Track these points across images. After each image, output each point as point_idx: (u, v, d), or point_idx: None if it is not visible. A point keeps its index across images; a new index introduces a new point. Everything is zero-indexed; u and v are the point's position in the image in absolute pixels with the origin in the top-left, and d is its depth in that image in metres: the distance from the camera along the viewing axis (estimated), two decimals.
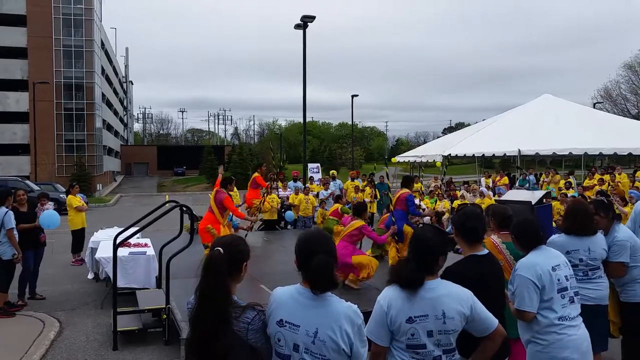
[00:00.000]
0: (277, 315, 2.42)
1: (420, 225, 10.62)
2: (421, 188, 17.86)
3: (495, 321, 2.71)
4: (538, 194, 7.72)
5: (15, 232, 7.34)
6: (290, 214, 14.03)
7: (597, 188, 15.09)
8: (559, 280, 3.36)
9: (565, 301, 3.34)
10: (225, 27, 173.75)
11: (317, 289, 2.39)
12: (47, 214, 8.33)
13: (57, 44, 44.78)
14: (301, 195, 14.28)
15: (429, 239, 2.76)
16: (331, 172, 18.32)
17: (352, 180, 17.23)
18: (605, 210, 4.62)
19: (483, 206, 8.43)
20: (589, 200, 11.30)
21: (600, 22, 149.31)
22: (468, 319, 2.66)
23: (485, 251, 3.16)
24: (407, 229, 8.35)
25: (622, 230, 4.56)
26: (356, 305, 2.45)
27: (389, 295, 2.71)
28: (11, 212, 7.34)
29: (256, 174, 12.11)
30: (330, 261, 2.39)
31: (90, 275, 9.16)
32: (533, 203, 7.29)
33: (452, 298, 2.65)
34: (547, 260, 3.43)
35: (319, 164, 22.79)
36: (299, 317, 2.39)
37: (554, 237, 4.47)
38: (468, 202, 13.39)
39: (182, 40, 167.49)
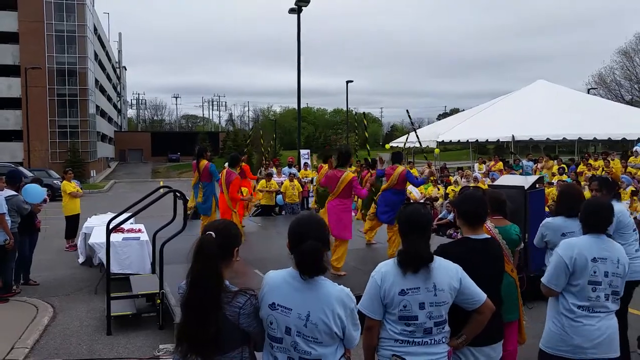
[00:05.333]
0: (269, 299, 2.44)
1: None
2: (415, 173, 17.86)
3: (483, 295, 2.79)
4: (531, 179, 7.74)
5: (7, 217, 7.31)
6: (280, 198, 14.37)
7: (587, 173, 15.17)
8: (594, 272, 3.26)
9: (594, 294, 3.26)
10: (219, 12, 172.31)
11: (304, 273, 2.41)
12: (29, 187, 8.17)
13: (49, 28, 44.23)
14: (287, 182, 14.37)
15: (425, 214, 2.86)
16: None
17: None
18: (608, 187, 4.81)
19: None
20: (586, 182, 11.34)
21: (593, 6, 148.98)
22: (458, 291, 2.74)
23: (484, 236, 3.15)
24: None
25: (616, 205, 4.67)
26: (349, 289, 2.47)
27: (382, 270, 2.79)
28: (2, 198, 7.30)
29: (243, 165, 11.90)
30: (318, 247, 2.39)
31: (80, 260, 9.15)
32: (526, 188, 7.32)
33: (441, 271, 2.73)
34: (593, 249, 3.30)
35: (309, 150, 22.77)
36: (291, 300, 2.40)
37: (550, 220, 4.51)
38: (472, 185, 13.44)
39: (176, 25, 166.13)
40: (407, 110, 11.30)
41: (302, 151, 21.77)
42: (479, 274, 2.85)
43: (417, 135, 11.67)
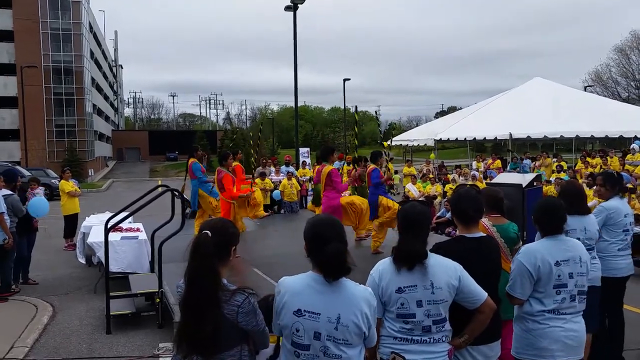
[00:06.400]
0: (293, 306, 2.39)
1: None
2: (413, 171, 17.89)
3: (484, 294, 2.77)
4: (528, 177, 7.76)
5: (6, 216, 7.31)
6: (277, 193, 14.36)
7: (585, 171, 15.23)
8: (559, 276, 3.22)
9: (559, 297, 3.22)
10: (216, 9, 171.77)
11: (330, 276, 2.38)
12: (37, 201, 8.26)
13: (44, 27, 44.08)
14: (285, 181, 14.37)
15: (422, 212, 2.85)
16: None
17: (348, 164, 17.26)
18: (611, 183, 4.81)
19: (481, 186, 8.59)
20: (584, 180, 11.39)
21: (589, 2, 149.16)
22: (457, 290, 2.73)
23: (479, 234, 3.14)
24: (383, 200, 8.56)
25: (613, 201, 4.73)
26: (370, 288, 2.51)
27: (380, 268, 2.81)
28: (1, 197, 7.29)
29: (236, 164, 11.86)
30: (343, 248, 2.38)
31: (81, 260, 9.14)
32: (524, 186, 7.33)
33: (440, 269, 2.73)
34: (555, 252, 3.26)
35: (308, 149, 22.76)
36: (319, 305, 2.37)
37: None
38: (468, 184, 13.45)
39: (172, 23, 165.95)
40: (375, 112, 11.43)
41: (302, 149, 21.75)
42: (474, 272, 2.84)
43: (386, 152, 11.33)
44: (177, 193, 6.74)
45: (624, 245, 4.70)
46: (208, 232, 2.41)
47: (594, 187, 5.31)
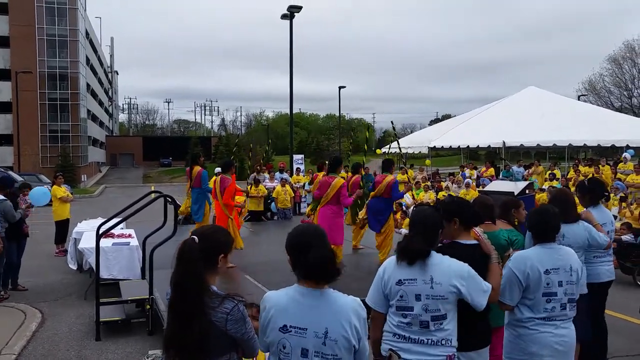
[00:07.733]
0: (279, 322, 2.32)
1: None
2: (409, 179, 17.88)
3: (483, 303, 2.84)
4: (521, 185, 7.80)
5: None
6: (274, 205, 14.32)
7: (577, 179, 15.26)
8: (548, 284, 3.24)
9: (549, 306, 3.25)
10: (213, 16, 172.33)
11: (320, 281, 2.30)
12: (40, 189, 8.31)
13: (40, 33, 43.98)
14: (279, 187, 14.35)
15: (430, 215, 2.94)
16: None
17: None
18: (581, 193, 4.95)
19: (467, 197, 8.51)
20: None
21: (584, 10, 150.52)
22: (461, 291, 2.76)
23: (471, 241, 3.18)
24: (391, 223, 8.45)
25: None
26: (359, 298, 2.41)
27: (385, 264, 2.93)
28: None
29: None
30: (326, 252, 2.31)
31: (72, 266, 9.07)
32: (516, 194, 7.36)
33: (443, 267, 2.80)
34: (545, 260, 3.29)
35: (302, 155, 22.79)
36: (305, 320, 2.29)
37: None
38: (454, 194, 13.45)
39: (168, 30, 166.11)
40: (391, 122, 11.47)
41: (296, 156, 21.78)
42: None
43: (399, 147, 11.79)
44: (169, 199, 6.71)
45: (598, 254, 4.66)
46: (195, 237, 2.38)
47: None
